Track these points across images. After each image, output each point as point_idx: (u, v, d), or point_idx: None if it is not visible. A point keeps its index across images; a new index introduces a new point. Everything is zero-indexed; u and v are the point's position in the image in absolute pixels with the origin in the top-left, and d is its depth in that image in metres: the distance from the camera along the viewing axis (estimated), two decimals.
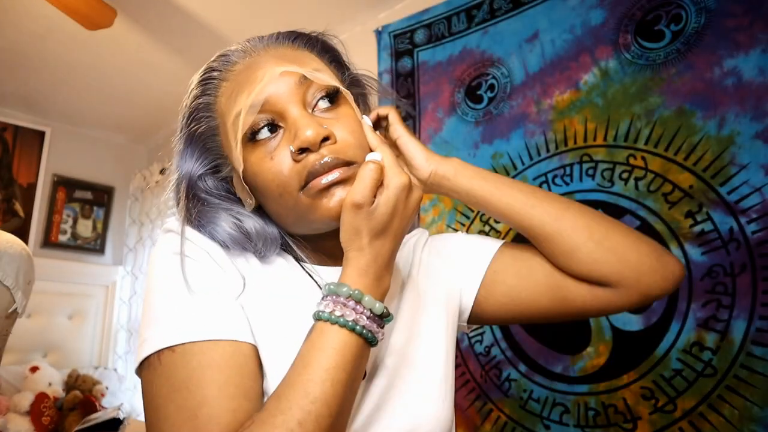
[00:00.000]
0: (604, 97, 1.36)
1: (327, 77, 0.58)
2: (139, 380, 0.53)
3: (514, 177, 1.50)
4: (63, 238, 3.13)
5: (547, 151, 1.45)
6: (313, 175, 0.54)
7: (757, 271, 1.08)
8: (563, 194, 1.39)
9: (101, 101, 2.91)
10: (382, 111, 0.69)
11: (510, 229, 1.48)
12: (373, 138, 0.58)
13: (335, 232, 0.57)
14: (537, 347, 1.38)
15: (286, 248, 0.63)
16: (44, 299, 2.83)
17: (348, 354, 0.48)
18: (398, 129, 0.68)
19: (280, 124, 0.56)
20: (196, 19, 2.10)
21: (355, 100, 0.65)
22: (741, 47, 1.16)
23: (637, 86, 1.31)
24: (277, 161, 0.55)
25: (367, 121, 0.61)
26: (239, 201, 0.62)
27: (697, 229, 1.17)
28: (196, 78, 0.62)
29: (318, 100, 0.57)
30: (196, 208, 0.59)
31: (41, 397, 2.42)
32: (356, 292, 0.50)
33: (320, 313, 0.50)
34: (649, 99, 1.28)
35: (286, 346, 0.54)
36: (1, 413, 2.31)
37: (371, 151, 0.57)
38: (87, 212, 3.25)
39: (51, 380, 2.55)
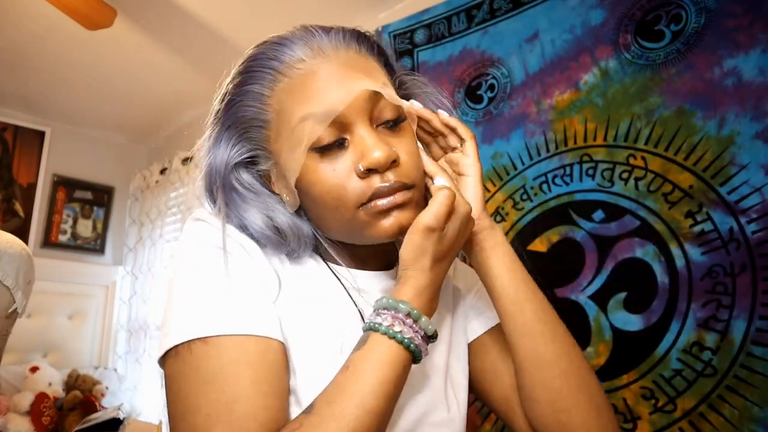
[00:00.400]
0: (604, 97, 1.36)
1: (395, 95, 0.58)
2: (162, 370, 0.52)
3: (513, 177, 1.50)
4: (63, 238, 3.13)
5: (547, 151, 1.45)
6: (376, 195, 0.54)
7: (757, 271, 1.08)
8: (563, 194, 1.39)
9: (101, 101, 2.91)
10: (463, 132, 0.65)
11: (511, 228, 1.48)
12: (431, 165, 0.60)
13: (377, 243, 0.58)
14: None
15: (316, 248, 0.63)
16: (44, 299, 2.83)
17: (401, 370, 0.50)
18: (470, 168, 0.64)
19: (345, 136, 0.55)
20: (196, 19, 2.10)
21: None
22: (741, 47, 1.16)
23: (637, 86, 1.31)
24: (340, 174, 0.54)
25: (421, 147, 0.61)
26: (274, 196, 0.60)
27: (697, 229, 1.17)
28: (244, 62, 0.59)
29: (384, 120, 0.57)
30: (230, 200, 0.58)
31: (41, 397, 2.42)
32: (415, 311, 0.51)
33: (377, 325, 0.51)
34: (649, 99, 1.28)
35: (313, 346, 0.55)
36: (1, 413, 2.32)
37: (428, 175, 0.59)
38: (87, 212, 3.25)
39: (51, 380, 2.55)
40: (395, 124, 0.58)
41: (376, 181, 0.54)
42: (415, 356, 0.51)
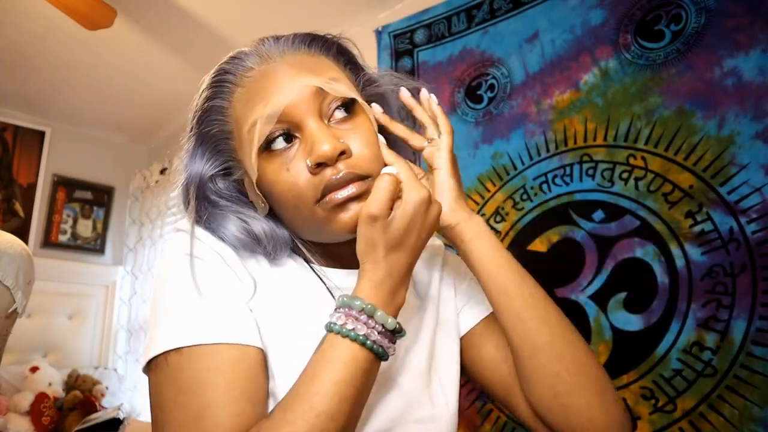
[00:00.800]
0: (604, 97, 1.36)
1: (344, 87, 0.57)
2: (147, 379, 0.53)
3: (514, 177, 1.50)
4: (63, 238, 3.13)
5: (547, 151, 1.45)
6: (329, 189, 0.54)
7: (757, 271, 1.08)
8: (563, 194, 1.39)
9: (101, 101, 2.91)
10: (442, 124, 0.64)
11: (511, 228, 1.48)
12: (388, 154, 0.58)
13: (348, 240, 0.58)
14: None
15: (296, 251, 0.63)
16: (44, 299, 2.83)
17: (357, 369, 0.48)
18: (441, 160, 0.63)
19: (296, 134, 0.56)
20: (196, 19, 2.10)
21: (375, 100, 0.65)
22: (741, 47, 1.16)
23: (637, 86, 1.31)
24: (293, 173, 0.55)
25: (381, 139, 0.60)
26: (250, 203, 0.62)
27: (697, 229, 1.17)
28: (208, 78, 0.61)
29: (334, 110, 0.57)
30: (206, 210, 0.59)
31: (41, 397, 2.42)
32: (369, 306, 0.50)
33: (332, 325, 0.50)
34: (649, 99, 1.28)
35: (294, 348, 0.54)
36: (1, 413, 2.32)
37: (386, 164, 0.57)
38: (87, 212, 3.25)
39: (51, 380, 2.55)
40: (347, 112, 0.57)
41: (327, 175, 0.54)
42: (376, 353, 0.50)
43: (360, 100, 0.59)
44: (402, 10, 1.91)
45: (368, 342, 0.49)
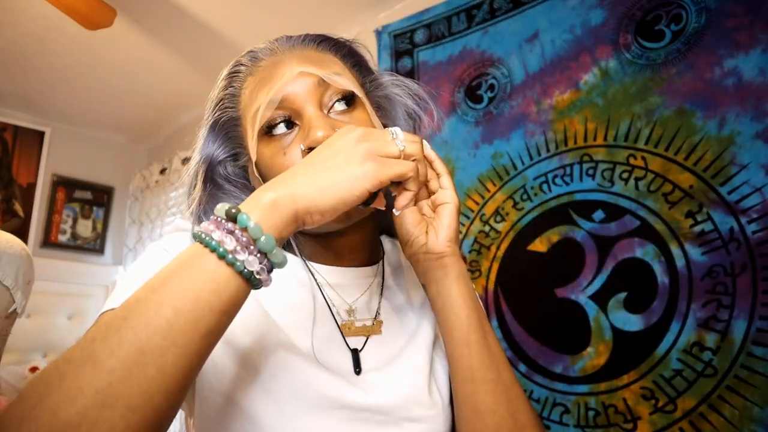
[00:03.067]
0: (604, 97, 1.36)
1: (345, 81, 0.59)
2: None
3: (514, 177, 1.50)
4: (63, 238, 3.13)
5: (547, 151, 1.45)
6: None
7: (758, 271, 1.08)
8: (563, 194, 1.39)
9: (101, 101, 2.91)
10: (438, 166, 0.60)
11: (511, 228, 1.48)
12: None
13: (343, 232, 0.58)
14: (537, 347, 1.38)
15: (288, 246, 0.63)
16: (44, 299, 2.83)
17: (219, 287, 0.40)
18: (449, 196, 0.59)
19: (296, 121, 0.58)
20: (196, 19, 2.10)
21: (381, 105, 0.66)
22: (741, 47, 1.16)
23: (637, 86, 1.31)
24: (289, 157, 0.57)
25: (398, 131, 0.58)
26: (251, 189, 0.63)
27: (698, 229, 1.17)
28: (225, 71, 0.65)
29: (334, 102, 0.59)
30: (211, 193, 0.61)
31: None
32: (235, 212, 0.42)
33: (193, 232, 0.42)
34: (649, 99, 1.28)
35: (273, 341, 0.55)
36: None
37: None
38: (87, 212, 3.24)
39: None
40: (348, 105, 0.59)
41: None
42: (242, 274, 0.41)
43: (360, 94, 0.60)
44: (402, 10, 1.91)
45: (228, 256, 0.40)
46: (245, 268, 0.40)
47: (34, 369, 2.54)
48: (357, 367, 0.59)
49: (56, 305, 2.97)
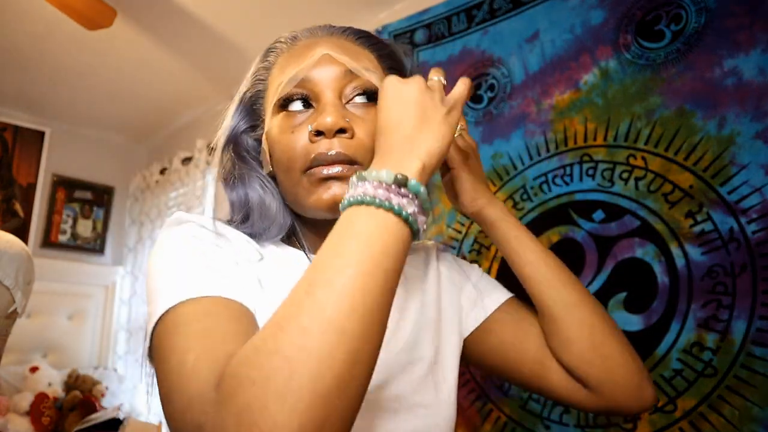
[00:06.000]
0: (604, 97, 1.36)
1: (372, 76, 0.59)
2: (151, 362, 0.49)
3: (514, 177, 1.50)
4: (63, 238, 3.13)
5: (547, 151, 1.45)
6: (317, 161, 0.55)
7: (758, 271, 1.08)
8: (563, 194, 1.39)
9: (101, 101, 2.92)
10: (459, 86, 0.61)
11: None
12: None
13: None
14: None
15: (291, 237, 0.64)
16: (44, 299, 2.83)
17: (361, 226, 0.41)
18: (450, 158, 0.67)
19: (313, 103, 0.59)
20: (196, 18, 2.10)
21: None
22: (741, 47, 1.16)
23: (637, 86, 1.31)
24: (295, 137, 0.57)
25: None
26: (259, 168, 0.64)
27: (698, 229, 1.17)
28: (264, 49, 0.66)
29: (355, 95, 0.59)
30: (232, 163, 0.62)
31: (41, 397, 2.42)
32: (358, 174, 0.44)
33: (349, 199, 0.43)
34: (649, 99, 1.28)
35: None
36: (1, 413, 2.31)
37: None
38: (87, 212, 3.25)
39: (51, 380, 2.55)
40: (367, 103, 0.59)
41: (321, 146, 0.55)
42: (405, 219, 0.42)
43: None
44: (402, 10, 1.91)
45: (367, 199, 0.42)
46: (412, 218, 0.43)
47: (34, 369, 2.54)
48: None
49: (56, 305, 2.97)
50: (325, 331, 0.35)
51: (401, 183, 0.43)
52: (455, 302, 0.70)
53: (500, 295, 0.71)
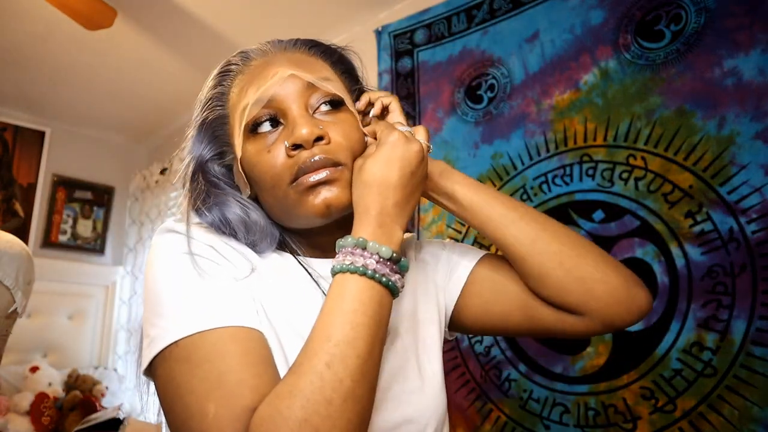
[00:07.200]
0: (604, 97, 1.36)
1: (333, 86, 0.61)
2: (152, 380, 0.52)
3: (514, 177, 1.50)
4: (63, 238, 3.13)
5: (547, 151, 1.45)
6: (302, 171, 0.56)
7: (757, 271, 1.08)
8: (563, 194, 1.39)
9: (101, 101, 2.91)
10: (386, 99, 0.68)
11: None
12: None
13: (327, 228, 0.60)
14: (537, 347, 1.38)
15: (281, 245, 0.64)
16: (44, 299, 2.83)
17: (365, 298, 0.49)
18: (395, 117, 0.67)
19: (282, 120, 0.59)
20: (196, 19, 2.10)
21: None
22: (741, 47, 1.16)
23: (637, 86, 1.31)
24: (273, 155, 0.58)
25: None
26: (239, 189, 0.64)
27: (697, 229, 1.17)
28: (215, 71, 0.65)
29: (321, 104, 0.60)
30: (205, 190, 0.62)
31: (41, 397, 2.42)
32: (360, 239, 0.52)
33: (333, 267, 0.51)
34: (649, 99, 1.28)
35: (281, 335, 0.55)
36: (1, 413, 2.32)
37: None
38: (87, 212, 3.25)
39: (51, 380, 2.55)
40: (333, 108, 0.61)
41: (303, 157, 0.56)
42: (381, 283, 0.51)
43: (347, 100, 0.62)
44: (402, 10, 1.91)
45: (369, 272, 0.50)
46: (384, 277, 0.51)
47: (34, 369, 2.54)
48: None
49: (56, 305, 2.97)
50: (345, 400, 0.44)
51: (396, 261, 0.52)
52: (431, 287, 0.71)
53: (471, 258, 0.71)
